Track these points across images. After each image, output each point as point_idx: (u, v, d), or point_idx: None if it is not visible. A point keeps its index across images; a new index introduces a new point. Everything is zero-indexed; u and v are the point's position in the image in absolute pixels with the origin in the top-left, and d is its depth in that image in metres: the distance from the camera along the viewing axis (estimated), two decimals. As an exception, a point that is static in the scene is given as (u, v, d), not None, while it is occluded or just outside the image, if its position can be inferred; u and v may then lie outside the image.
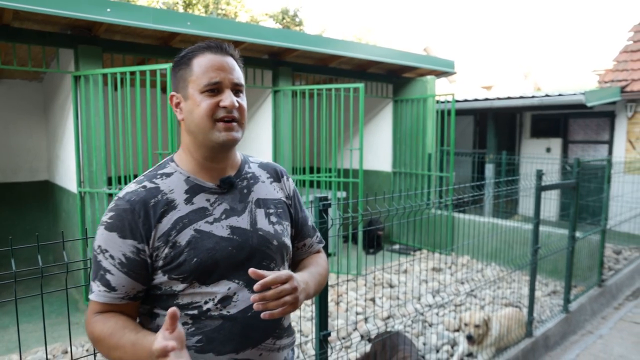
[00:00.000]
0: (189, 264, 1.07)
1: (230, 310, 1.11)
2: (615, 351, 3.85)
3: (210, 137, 1.11)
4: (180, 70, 1.15)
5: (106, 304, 1.08)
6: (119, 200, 1.10)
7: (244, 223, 1.16)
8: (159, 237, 1.08)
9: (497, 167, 9.02)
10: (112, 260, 1.07)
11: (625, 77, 8.42)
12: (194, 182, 1.15)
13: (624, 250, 6.47)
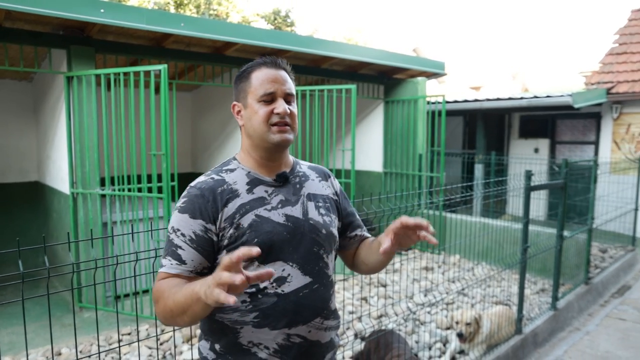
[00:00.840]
0: (251, 243, 1.21)
1: (284, 289, 1.26)
2: (601, 347, 3.94)
3: (267, 138, 1.28)
4: (241, 83, 1.33)
5: (175, 275, 1.21)
6: (191, 189, 1.27)
7: (297, 212, 1.32)
8: (225, 219, 1.24)
9: (487, 167, 9.13)
10: (183, 238, 1.22)
11: (610, 79, 8.58)
12: (254, 176, 1.32)
13: (610, 249, 6.60)
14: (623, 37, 9.68)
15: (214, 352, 1.30)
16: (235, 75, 1.37)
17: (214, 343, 1.31)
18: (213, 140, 6.73)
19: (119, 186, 4.06)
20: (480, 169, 9.07)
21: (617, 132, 8.55)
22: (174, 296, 1.12)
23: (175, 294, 1.12)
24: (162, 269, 1.23)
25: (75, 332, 1.72)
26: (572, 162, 4.42)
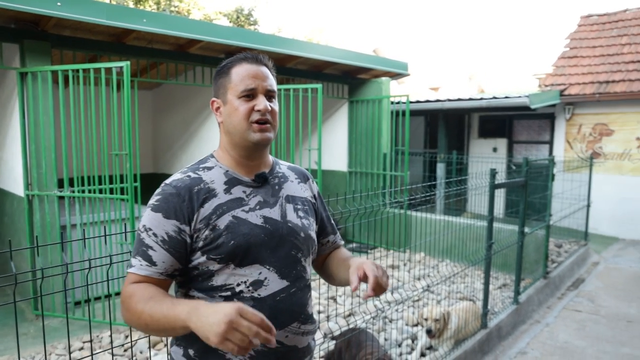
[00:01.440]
0: (227, 245, 1.18)
1: (260, 292, 1.22)
2: (560, 337, 4.11)
3: (247, 137, 1.25)
4: (221, 78, 1.29)
5: (145, 277, 1.16)
6: (166, 186, 1.22)
7: (276, 214, 1.29)
8: (200, 220, 1.19)
9: (448, 166, 9.35)
10: (155, 238, 1.17)
11: (563, 82, 8.97)
12: (232, 176, 1.28)
13: (565, 244, 6.89)
14: (574, 41, 10.14)
15: (187, 357, 1.25)
16: (215, 71, 1.33)
17: (187, 348, 1.25)
18: (176, 140, 6.56)
19: (78, 187, 3.89)
20: (442, 167, 9.28)
21: (569, 132, 8.94)
22: (152, 311, 1.07)
23: (152, 308, 1.08)
24: (132, 270, 1.17)
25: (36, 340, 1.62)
26: (531, 160, 4.58)
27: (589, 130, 8.71)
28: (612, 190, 8.37)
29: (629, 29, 9.68)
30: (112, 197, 3.74)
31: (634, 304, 4.97)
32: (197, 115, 6.03)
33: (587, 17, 10.65)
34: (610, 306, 4.89)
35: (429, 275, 5.59)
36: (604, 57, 9.22)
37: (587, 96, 8.40)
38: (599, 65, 9.02)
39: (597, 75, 8.75)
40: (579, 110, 8.77)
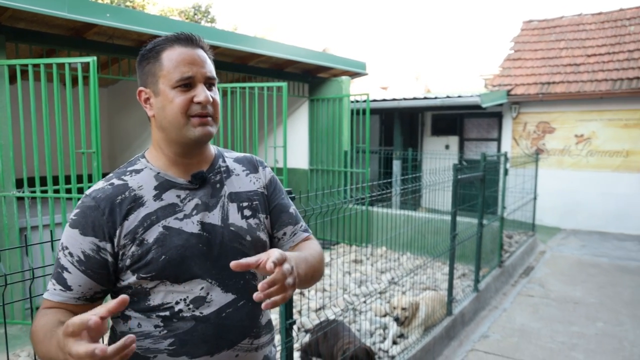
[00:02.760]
0: (157, 262, 1.03)
1: (203, 311, 1.07)
2: (517, 321, 4.39)
3: (185, 133, 1.07)
4: (149, 64, 1.09)
5: (59, 303, 1.02)
6: (85, 198, 1.06)
7: (215, 219, 1.12)
8: (125, 235, 1.04)
9: (403, 163, 9.64)
10: (70, 258, 1.03)
11: (509, 82, 9.49)
12: (164, 178, 1.10)
13: (515, 235, 7.31)
14: (517, 44, 10.74)
15: None
16: (140, 54, 1.12)
17: None
18: (134, 139, 6.39)
19: (40, 187, 3.73)
20: (398, 165, 9.56)
21: (516, 130, 9.47)
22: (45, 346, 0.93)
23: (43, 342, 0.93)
24: (45, 294, 1.03)
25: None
26: (489, 156, 4.85)
27: (534, 128, 9.27)
28: (554, 184, 8.96)
29: (565, 34, 10.37)
30: (80, 196, 3.61)
31: (578, 287, 5.37)
32: (157, 113, 5.91)
33: (529, 22, 11.30)
34: (558, 290, 5.26)
35: (392, 268, 5.78)
36: (545, 59, 9.83)
37: (531, 96, 8.94)
38: (541, 68, 9.61)
39: (540, 76, 9.32)
40: (524, 109, 9.31)
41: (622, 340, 3.96)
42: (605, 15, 10.32)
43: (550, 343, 3.90)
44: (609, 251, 7.11)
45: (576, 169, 8.87)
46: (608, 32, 9.79)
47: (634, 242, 7.70)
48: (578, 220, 8.85)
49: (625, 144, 8.40)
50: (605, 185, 8.58)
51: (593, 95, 8.38)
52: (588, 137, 8.72)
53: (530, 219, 7.63)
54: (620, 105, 8.39)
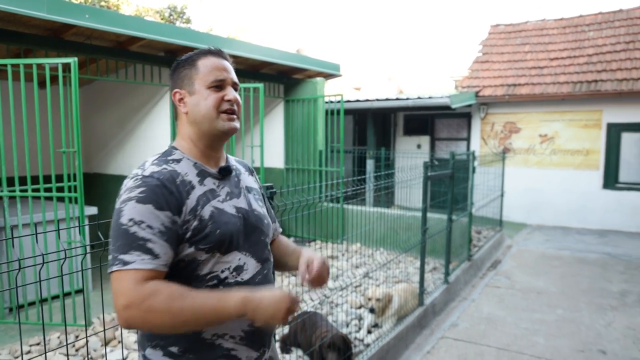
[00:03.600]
0: (213, 235, 1.22)
1: (243, 277, 1.29)
2: (485, 310, 4.64)
3: (216, 125, 1.28)
4: (185, 69, 1.30)
5: (149, 271, 1.12)
6: (147, 178, 1.18)
7: (243, 204, 1.35)
8: (189, 212, 1.20)
9: (376, 162, 9.88)
10: (150, 230, 1.13)
11: (478, 84, 9.84)
12: (200, 168, 1.30)
13: (483, 230, 7.63)
14: (485, 47, 11.13)
15: (170, 356, 1.23)
16: (175, 63, 1.35)
17: (167, 347, 1.23)
18: (110, 139, 6.39)
19: (20, 187, 3.75)
20: (372, 163, 9.79)
21: (484, 130, 9.84)
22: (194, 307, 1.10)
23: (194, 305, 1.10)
24: (130, 266, 1.11)
25: None
26: (458, 154, 5.09)
27: (501, 128, 9.65)
28: (520, 182, 9.36)
29: (530, 39, 10.82)
30: (61, 195, 3.66)
31: (541, 278, 5.69)
32: (134, 114, 5.93)
33: (496, 27, 11.73)
34: (523, 281, 5.56)
35: (366, 263, 5.98)
36: (511, 62, 10.24)
37: (498, 97, 9.32)
38: (507, 70, 10.00)
39: (506, 78, 9.71)
40: (492, 110, 9.68)
41: (579, 325, 4.25)
42: (566, 21, 10.82)
43: (514, 329, 4.16)
44: (570, 244, 7.50)
45: (540, 167, 9.29)
46: (569, 37, 10.27)
47: (593, 236, 8.14)
48: (542, 216, 9.27)
49: (585, 143, 8.85)
50: (567, 182, 9.02)
51: (555, 97, 8.80)
52: (551, 137, 9.15)
53: (498, 215, 7.96)
54: (580, 106, 8.84)
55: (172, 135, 5.54)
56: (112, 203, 5.19)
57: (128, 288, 1.09)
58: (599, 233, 8.38)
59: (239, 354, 1.28)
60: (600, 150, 8.73)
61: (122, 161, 6.27)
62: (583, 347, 3.79)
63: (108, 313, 4.02)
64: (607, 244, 7.56)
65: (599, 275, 5.81)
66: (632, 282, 5.52)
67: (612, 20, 10.16)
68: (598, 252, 6.97)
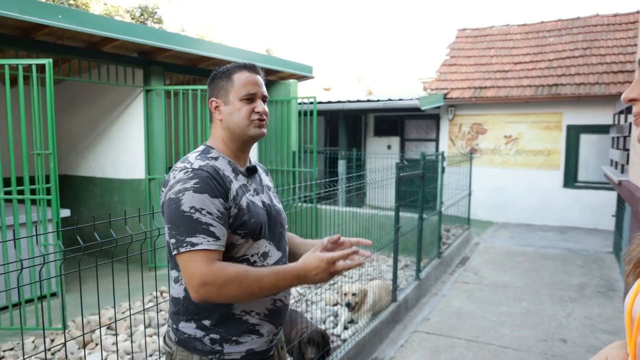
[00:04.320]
0: (249, 222, 1.40)
1: (268, 262, 1.47)
2: (454, 305, 4.84)
3: (247, 132, 1.46)
4: (222, 81, 1.48)
5: (215, 252, 1.31)
6: (198, 171, 1.36)
7: (267, 199, 1.54)
8: (232, 200, 1.38)
9: (348, 162, 10.03)
10: (210, 216, 1.31)
11: (446, 86, 10.14)
12: (234, 165, 1.48)
13: (452, 228, 7.89)
14: (453, 51, 11.46)
15: (202, 329, 1.41)
16: (213, 74, 1.51)
17: (201, 320, 1.41)
18: (81, 140, 6.29)
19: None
20: (343, 164, 9.93)
21: (452, 131, 10.14)
22: (260, 282, 1.29)
23: (260, 281, 1.29)
24: (199, 247, 1.28)
25: None
26: (428, 155, 5.28)
27: (468, 129, 9.97)
28: (486, 181, 9.70)
29: (495, 43, 11.21)
30: (35, 197, 3.62)
31: (507, 273, 5.95)
32: (106, 115, 5.86)
33: (463, 30, 12.09)
34: (490, 277, 5.81)
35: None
36: (478, 66, 10.59)
37: (466, 100, 9.63)
38: (474, 73, 10.34)
39: (473, 81, 10.04)
40: (460, 111, 9.99)
41: (542, 316, 4.50)
42: (528, 27, 11.27)
43: (482, 322, 4.36)
44: (534, 241, 7.85)
45: (505, 167, 9.66)
46: (531, 42, 10.70)
47: (555, 233, 8.53)
48: (507, 214, 9.63)
49: (547, 144, 9.26)
50: (530, 181, 9.41)
51: (519, 99, 9.17)
52: (515, 138, 9.52)
53: (466, 214, 8.24)
54: (542, 109, 9.24)
55: (146, 136, 5.52)
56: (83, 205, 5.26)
57: (201, 267, 1.28)
58: (560, 230, 8.78)
59: (262, 329, 1.46)
60: (561, 151, 9.16)
61: (93, 163, 6.18)
62: (546, 337, 4.03)
63: (85, 316, 4.00)
64: (568, 240, 7.95)
65: (560, 269, 6.12)
66: (590, 276, 5.85)
67: (571, 27, 10.65)
68: (559, 248, 7.32)
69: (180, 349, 1.43)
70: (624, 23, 10.14)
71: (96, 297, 2.19)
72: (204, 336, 1.41)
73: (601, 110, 8.67)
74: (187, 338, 1.42)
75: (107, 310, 4.14)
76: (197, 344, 1.41)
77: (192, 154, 1.45)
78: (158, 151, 5.49)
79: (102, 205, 6.07)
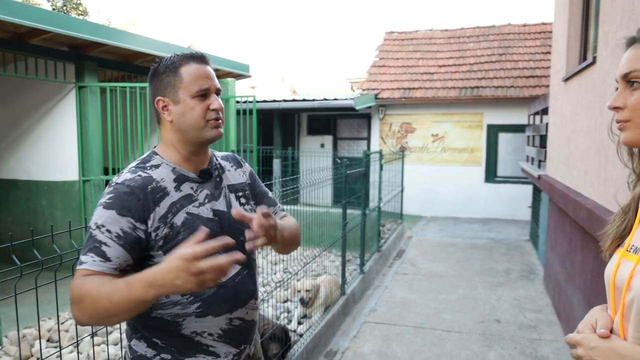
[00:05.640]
0: (187, 240, 1.17)
1: (223, 277, 1.23)
2: (398, 295, 5.10)
3: (203, 134, 1.30)
4: (167, 77, 1.29)
5: (98, 272, 1.15)
6: (118, 185, 1.22)
7: (222, 206, 1.35)
8: (158, 219, 1.22)
9: (283, 161, 10.10)
10: (108, 234, 1.17)
11: (377, 87, 10.53)
12: (179, 173, 1.31)
13: (387, 223, 8.24)
14: (382, 53, 11.92)
15: (153, 348, 1.29)
16: (154, 69, 1.32)
17: (151, 338, 1.29)
18: (0, 140, 5.79)
19: None
20: (278, 163, 9.99)
21: (383, 130, 10.56)
22: (109, 295, 1.07)
23: (110, 292, 1.07)
24: (83, 266, 1.15)
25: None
26: (369, 153, 5.50)
27: (398, 128, 10.44)
28: (416, 178, 10.22)
29: (421, 46, 11.83)
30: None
31: (441, 263, 6.36)
32: (32, 112, 5.44)
33: (391, 33, 12.61)
34: (426, 267, 6.17)
35: (283, 260, 6.16)
36: (406, 67, 11.11)
37: (395, 100, 10.08)
38: (402, 75, 10.84)
39: (402, 82, 10.53)
40: (390, 111, 10.43)
41: (477, 300, 4.88)
42: (450, 32, 12.01)
43: (425, 309, 4.65)
44: (461, 232, 8.42)
45: (433, 164, 10.24)
46: (453, 47, 11.42)
47: (479, 224, 9.21)
48: (435, 208, 10.23)
49: (470, 142, 9.96)
50: (456, 177, 10.07)
51: (444, 100, 9.77)
52: (442, 136, 10.13)
53: (398, 209, 8.64)
54: (465, 109, 9.92)
55: (79, 136, 5.22)
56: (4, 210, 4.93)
57: (73, 286, 1.14)
58: (483, 221, 9.49)
59: (217, 350, 1.32)
60: (482, 149, 9.89)
61: (15, 164, 5.71)
62: (482, 319, 4.39)
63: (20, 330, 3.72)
64: (491, 230, 8.62)
65: (487, 257, 6.65)
66: (513, 262, 6.42)
67: (487, 34, 11.51)
68: (484, 238, 7.93)
69: None
70: (532, 32, 11.15)
71: (33, 309, 2.04)
72: (154, 356, 1.29)
73: (517, 111, 9.49)
74: (139, 357, 1.30)
75: (45, 322, 3.89)
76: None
77: (133, 163, 1.32)
78: (93, 151, 5.21)
79: (27, 210, 5.63)
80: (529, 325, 4.24)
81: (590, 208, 2.83)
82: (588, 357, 0.95)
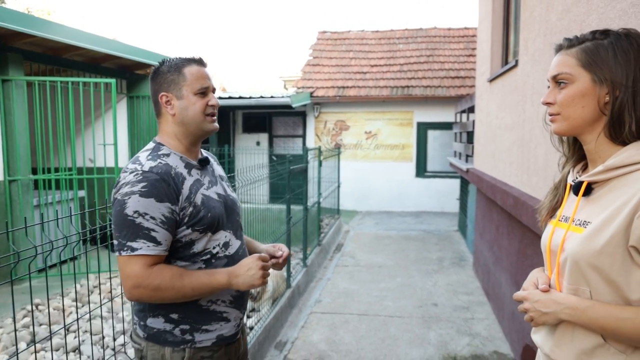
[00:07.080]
0: (206, 217, 1.43)
1: (230, 251, 1.52)
2: (340, 286, 5.29)
3: (202, 127, 1.48)
4: (172, 75, 1.46)
5: (155, 257, 1.35)
6: (147, 173, 1.35)
7: (221, 190, 1.57)
8: (184, 200, 1.40)
9: (220, 159, 9.98)
10: (153, 221, 1.33)
11: (311, 85, 10.71)
12: (186, 161, 1.49)
13: (325, 219, 8.45)
14: (315, 52, 12.12)
15: (171, 322, 1.44)
16: (157, 68, 1.49)
17: (168, 314, 1.44)
18: None
19: None
20: (215, 161, 9.86)
21: (318, 127, 10.77)
22: (192, 284, 1.35)
23: (192, 282, 1.35)
24: (139, 252, 1.31)
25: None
26: (309, 149, 5.63)
27: (332, 125, 10.70)
28: (351, 174, 10.53)
29: (353, 46, 12.18)
30: None
31: (378, 255, 6.65)
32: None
33: (324, 33, 12.85)
34: (365, 259, 6.44)
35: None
36: (339, 67, 11.39)
37: (330, 98, 10.32)
38: (336, 74, 11.11)
39: (336, 81, 10.79)
40: (325, 109, 10.66)
41: (414, 287, 5.20)
42: (381, 33, 12.47)
43: (368, 298, 4.88)
44: (395, 225, 8.83)
45: (367, 160, 10.61)
46: (384, 48, 11.88)
47: (411, 217, 9.69)
48: (370, 203, 10.61)
49: (401, 139, 10.43)
50: (388, 173, 10.51)
51: (377, 98, 10.16)
52: (375, 134, 10.52)
53: (335, 205, 8.88)
54: (397, 107, 10.38)
55: (3, 133, 4.88)
56: None
57: (137, 271, 1.33)
58: (415, 214, 10.00)
59: (229, 315, 1.52)
60: (413, 145, 10.40)
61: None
62: (421, 304, 4.69)
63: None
64: (422, 222, 9.11)
65: (421, 247, 7.05)
66: (445, 251, 6.86)
67: (415, 36, 12.09)
68: (417, 230, 8.38)
69: (150, 344, 1.45)
70: (456, 36, 11.88)
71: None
72: (173, 328, 1.44)
73: (444, 110, 10.08)
74: (157, 332, 1.44)
75: (-27, 331, 3.64)
76: (167, 336, 1.44)
77: (143, 153, 1.44)
78: (20, 149, 4.90)
79: (-59, 213, 5.17)
80: (463, 306, 4.60)
81: (517, 195, 3.15)
82: (533, 309, 1.14)
